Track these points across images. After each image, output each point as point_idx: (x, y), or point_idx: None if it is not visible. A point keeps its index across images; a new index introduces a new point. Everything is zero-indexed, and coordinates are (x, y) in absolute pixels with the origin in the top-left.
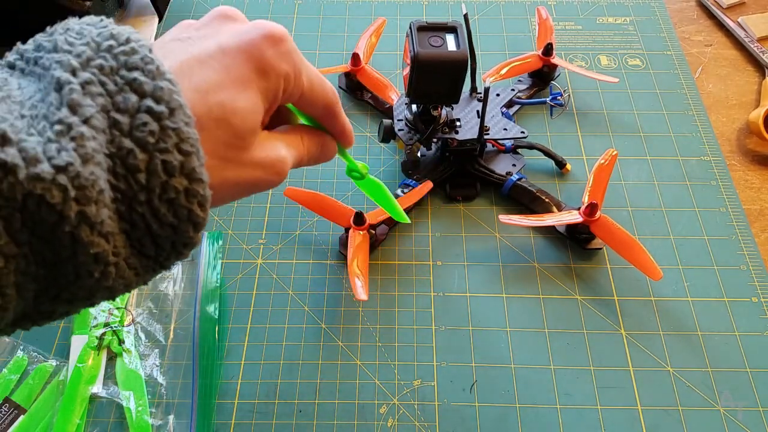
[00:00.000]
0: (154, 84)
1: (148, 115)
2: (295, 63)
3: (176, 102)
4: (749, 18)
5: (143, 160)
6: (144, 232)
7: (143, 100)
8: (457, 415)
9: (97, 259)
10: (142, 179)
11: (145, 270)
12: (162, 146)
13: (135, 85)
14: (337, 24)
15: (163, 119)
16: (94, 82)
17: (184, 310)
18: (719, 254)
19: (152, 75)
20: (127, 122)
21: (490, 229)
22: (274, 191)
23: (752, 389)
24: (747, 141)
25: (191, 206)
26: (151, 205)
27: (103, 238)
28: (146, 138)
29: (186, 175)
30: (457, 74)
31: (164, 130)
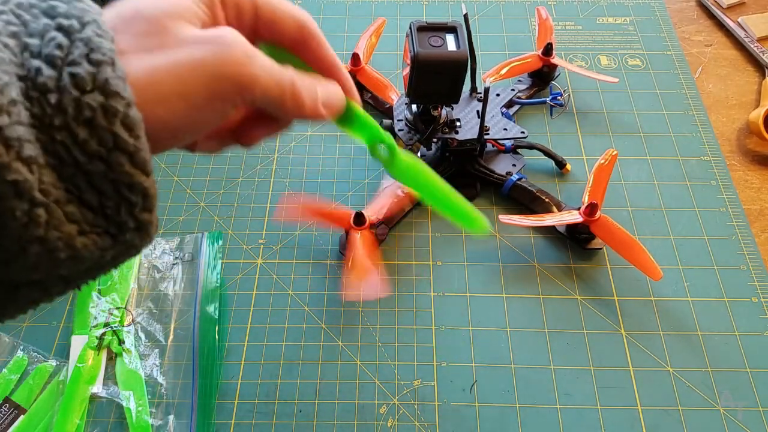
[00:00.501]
0: (69, 6)
1: (58, 30)
2: None
3: (89, 16)
4: (749, 18)
5: (52, 77)
6: (74, 169)
7: (55, 19)
8: (457, 415)
9: (18, 192)
10: (52, 99)
11: (95, 229)
12: (70, 59)
13: (50, 10)
14: (337, 24)
15: (72, 33)
16: (6, 12)
17: (184, 310)
18: (719, 254)
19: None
20: (38, 44)
21: (490, 229)
22: (275, 191)
23: (752, 389)
24: (747, 141)
25: (113, 127)
26: (69, 129)
27: (23, 164)
28: (53, 52)
29: (99, 88)
30: (457, 74)
31: (73, 42)
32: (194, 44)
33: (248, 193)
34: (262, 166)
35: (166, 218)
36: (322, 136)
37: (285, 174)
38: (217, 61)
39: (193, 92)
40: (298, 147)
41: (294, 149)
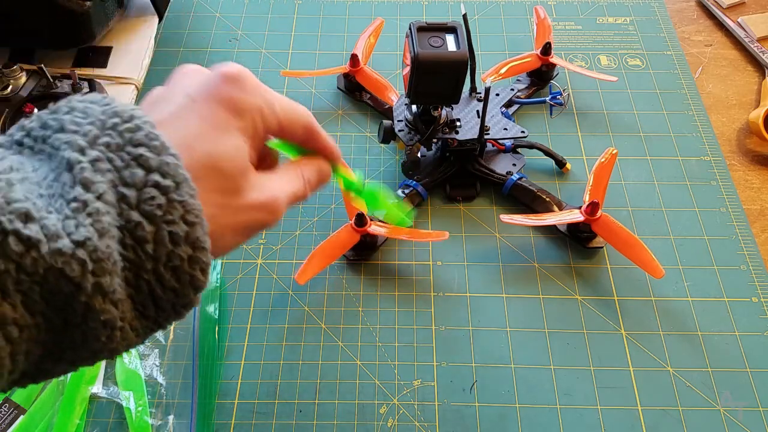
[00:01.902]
0: (160, 159)
1: (155, 189)
2: (262, 95)
3: (181, 176)
4: (749, 18)
5: (151, 232)
6: (147, 297)
7: (149, 174)
8: (457, 415)
9: (105, 325)
10: (149, 249)
11: (145, 331)
12: (168, 218)
13: (141, 160)
14: (337, 24)
15: (169, 192)
16: (103, 159)
17: None
18: (719, 254)
19: (157, 150)
20: (135, 196)
21: (490, 229)
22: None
23: (752, 389)
24: (747, 141)
25: (194, 272)
26: (156, 272)
27: (113, 305)
28: (154, 211)
29: (191, 243)
30: (457, 74)
31: (171, 203)
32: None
33: None
34: None
35: None
36: None
37: None
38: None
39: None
40: None
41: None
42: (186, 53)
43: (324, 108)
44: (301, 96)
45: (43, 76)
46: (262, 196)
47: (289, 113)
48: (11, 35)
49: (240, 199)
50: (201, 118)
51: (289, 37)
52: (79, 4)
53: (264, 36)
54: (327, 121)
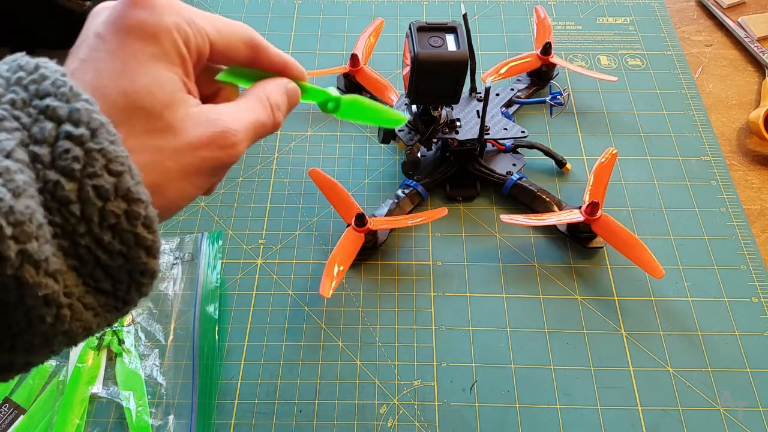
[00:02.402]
0: (70, 107)
1: (69, 141)
2: (179, 12)
3: (96, 122)
4: (749, 18)
5: (72, 190)
6: (94, 265)
7: (61, 126)
8: (457, 415)
9: (47, 302)
10: (76, 210)
11: (106, 309)
12: (90, 171)
13: (49, 112)
14: (337, 24)
15: (86, 142)
16: (7, 118)
17: (184, 310)
18: (719, 254)
19: (66, 98)
20: (48, 152)
21: (490, 229)
22: (275, 191)
23: (752, 389)
24: (747, 141)
25: (136, 229)
26: (93, 235)
27: (50, 277)
28: (71, 165)
29: (122, 196)
30: (457, 74)
31: (89, 153)
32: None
33: (248, 193)
34: (261, 166)
35: None
36: (322, 135)
37: (285, 174)
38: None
39: (197, 184)
40: (298, 147)
41: (294, 149)
42: None
43: None
44: None
45: None
46: (207, 130)
47: (222, 29)
48: (11, 35)
49: (177, 138)
50: (111, 54)
51: (289, 37)
52: (79, 4)
53: (264, 36)
54: (327, 121)
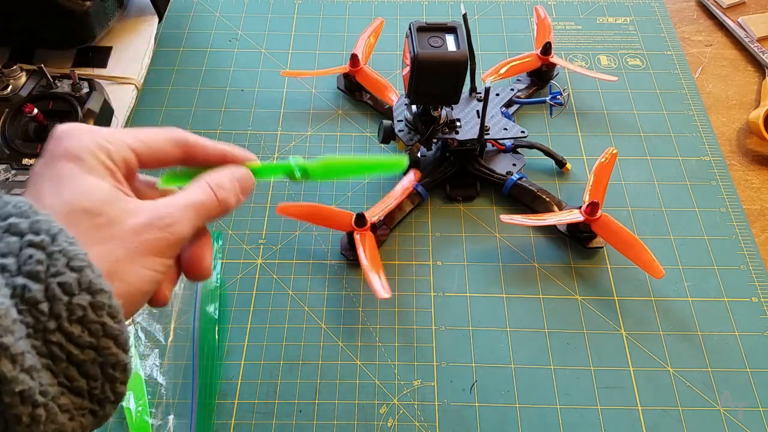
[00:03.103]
0: (30, 221)
1: (32, 248)
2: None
3: (55, 228)
4: (749, 18)
5: (40, 290)
6: (67, 363)
7: (24, 237)
8: (457, 415)
9: (23, 399)
10: (44, 308)
11: (81, 412)
12: (53, 270)
13: (12, 229)
14: (337, 24)
15: (46, 246)
16: None
17: (184, 310)
18: (719, 254)
19: (26, 215)
20: (14, 262)
21: (490, 229)
22: (275, 191)
23: (752, 389)
24: (747, 141)
25: (102, 318)
26: (62, 330)
27: (26, 374)
28: (35, 268)
29: (86, 289)
30: (457, 74)
31: (51, 256)
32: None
33: None
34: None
35: None
36: (322, 135)
37: None
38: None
39: (149, 265)
40: (298, 147)
41: (294, 149)
42: (186, 53)
43: (324, 108)
44: (301, 96)
45: (43, 76)
46: (144, 215)
47: (145, 138)
48: (11, 35)
49: (119, 227)
50: (50, 177)
51: (289, 37)
52: (79, 4)
53: (264, 36)
54: (327, 121)
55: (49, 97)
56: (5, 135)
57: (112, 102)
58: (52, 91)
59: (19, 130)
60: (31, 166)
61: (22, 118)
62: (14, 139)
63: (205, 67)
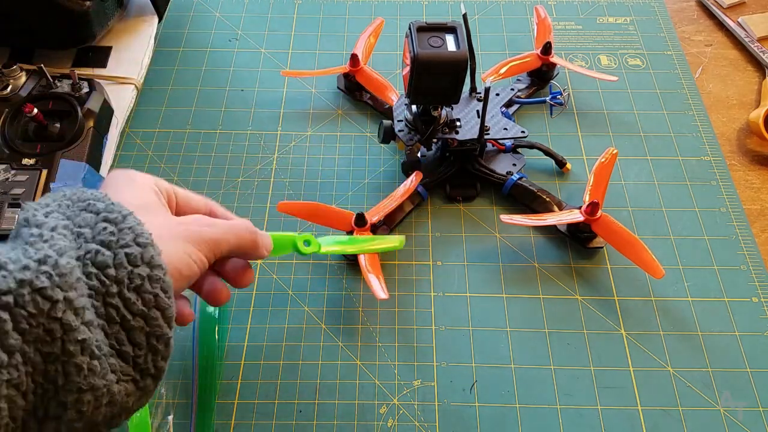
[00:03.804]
0: (106, 203)
1: (106, 222)
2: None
3: (126, 210)
4: (749, 18)
5: (110, 256)
6: (119, 327)
7: (99, 214)
8: (457, 415)
9: (83, 349)
10: (111, 273)
11: (126, 377)
12: (122, 242)
13: (90, 207)
14: (337, 24)
15: (119, 223)
16: (54, 210)
17: None
18: (719, 254)
19: (103, 199)
20: (90, 232)
21: (490, 229)
22: (275, 191)
23: (752, 389)
24: (747, 141)
25: (156, 291)
26: (122, 296)
27: (86, 326)
28: (108, 238)
29: (147, 263)
30: (456, 74)
31: (122, 231)
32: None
33: (248, 193)
34: (262, 166)
35: None
36: (322, 135)
37: (285, 174)
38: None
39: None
40: (298, 147)
41: (294, 149)
42: (186, 53)
43: (324, 108)
44: (301, 96)
45: (42, 75)
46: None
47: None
48: (11, 35)
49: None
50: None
51: (289, 37)
52: (79, 4)
53: (264, 36)
54: (327, 121)
55: (49, 97)
56: (5, 135)
57: (112, 102)
58: (52, 91)
59: (19, 130)
60: (31, 167)
61: (22, 118)
62: (14, 139)
63: (205, 67)
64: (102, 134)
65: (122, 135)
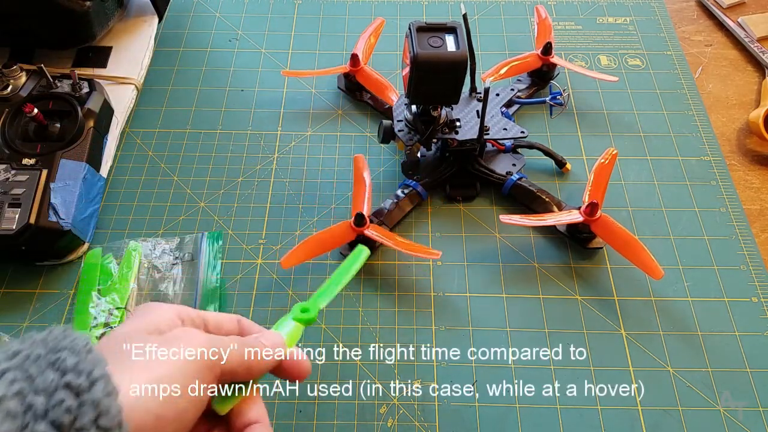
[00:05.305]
0: (77, 358)
1: (66, 389)
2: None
3: (99, 372)
4: (749, 18)
5: None
6: None
7: (65, 375)
8: (457, 415)
9: None
10: None
11: None
12: (78, 425)
13: (58, 363)
14: (337, 24)
15: (81, 393)
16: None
17: None
18: (719, 254)
19: (77, 351)
20: (42, 404)
21: (490, 229)
22: (275, 191)
23: (752, 389)
24: (747, 141)
25: None
26: None
27: None
28: (61, 418)
29: None
30: (456, 74)
31: (82, 406)
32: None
33: (248, 193)
34: (262, 166)
35: (166, 218)
36: (322, 135)
37: (285, 174)
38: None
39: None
40: (298, 147)
41: (294, 149)
42: (186, 53)
43: (324, 108)
44: (301, 96)
45: (43, 76)
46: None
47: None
48: (11, 35)
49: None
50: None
51: (289, 37)
52: (79, 4)
53: (264, 36)
54: (327, 121)
55: (49, 97)
56: (5, 135)
57: (112, 102)
58: (52, 91)
59: (19, 130)
60: (31, 166)
61: (22, 118)
62: (14, 139)
63: (205, 67)
64: (102, 134)
65: (122, 135)
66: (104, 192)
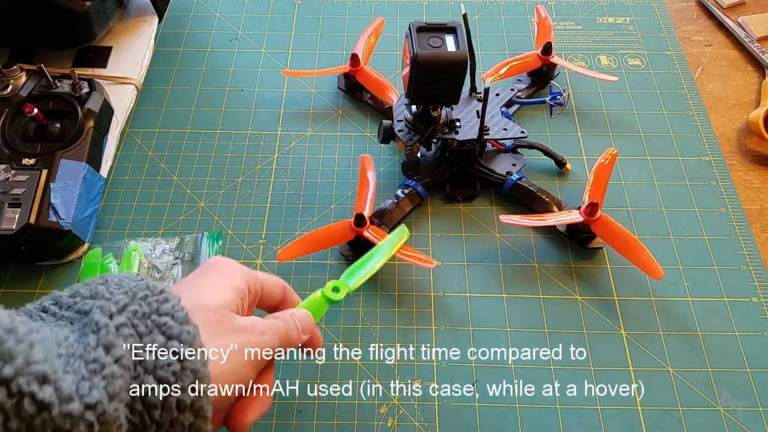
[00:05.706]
0: (181, 328)
1: (173, 356)
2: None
3: (198, 343)
4: (749, 18)
5: (161, 397)
6: None
7: (170, 341)
8: (457, 415)
9: None
10: (156, 415)
11: None
12: (180, 385)
13: (164, 328)
14: (337, 24)
15: (185, 360)
16: (127, 325)
17: None
18: (719, 254)
19: (180, 320)
20: (152, 361)
21: (490, 229)
22: (275, 191)
23: (752, 389)
24: (747, 141)
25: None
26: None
27: None
28: (168, 377)
29: (194, 411)
30: (456, 74)
31: (184, 371)
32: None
33: (248, 193)
34: (262, 166)
35: (166, 218)
36: (322, 135)
37: (285, 174)
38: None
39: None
40: (298, 147)
41: (294, 149)
42: (186, 53)
43: (324, 108)
44: (301, 96)
45: (43, 75)
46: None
47: (269, 279)
48: (11, 35)
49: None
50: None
51: (289, 37)
52: (79, 4)
53: (264, 36)
54: (327, 121)
55: (49, 97)
56: (5, 135)
57: (112, 102)
58: (52, 91)
59: (19, 130)
60: (31, 166)
61: (22, 118)
62: (14, 139)
63: (205, 67)
64: (102, 134)
65: (122, 135)
66: (104, 192)
